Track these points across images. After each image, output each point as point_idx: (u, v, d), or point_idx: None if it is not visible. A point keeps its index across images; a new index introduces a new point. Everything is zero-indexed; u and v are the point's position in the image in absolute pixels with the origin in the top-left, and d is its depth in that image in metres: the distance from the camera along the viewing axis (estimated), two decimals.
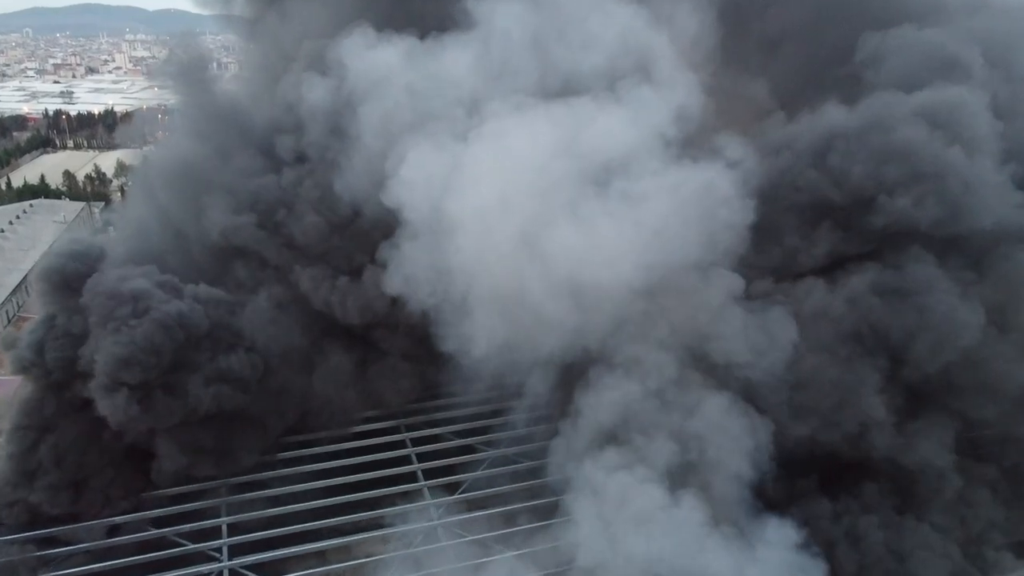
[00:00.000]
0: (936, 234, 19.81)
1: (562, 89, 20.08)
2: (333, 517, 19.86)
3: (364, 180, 20.79)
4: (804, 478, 19.56)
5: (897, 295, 19.32)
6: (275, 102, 24.53)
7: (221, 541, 19.08)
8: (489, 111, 19.93)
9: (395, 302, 20.60)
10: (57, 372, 19.88)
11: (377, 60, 21.49)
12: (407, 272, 19.44)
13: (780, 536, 17.70)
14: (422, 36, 22.03)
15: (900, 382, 19.60)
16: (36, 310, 24.40)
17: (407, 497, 20.68)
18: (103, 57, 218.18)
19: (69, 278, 20.50)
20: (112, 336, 19.02)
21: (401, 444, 22.81)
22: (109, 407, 18.99)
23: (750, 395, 18.83)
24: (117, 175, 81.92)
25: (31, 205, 69.62)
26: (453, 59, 21.35)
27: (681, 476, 17.94)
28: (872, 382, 19.14)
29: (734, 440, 18.12)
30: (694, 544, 17.09)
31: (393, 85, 21.33)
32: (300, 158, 23.31)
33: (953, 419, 19.88)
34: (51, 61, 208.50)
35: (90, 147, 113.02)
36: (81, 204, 71.92)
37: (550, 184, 19.04)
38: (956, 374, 19.43)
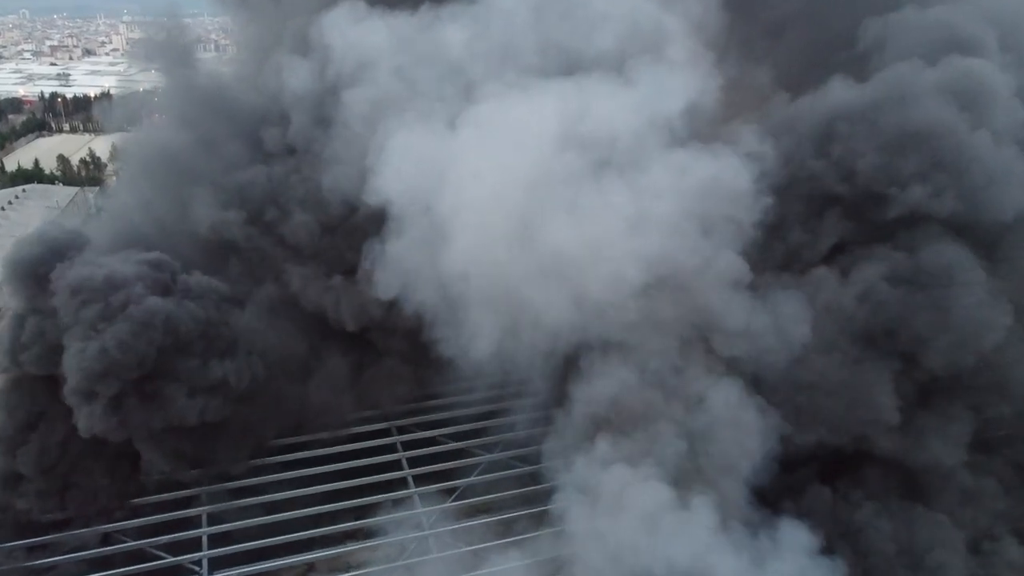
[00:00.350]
0: (949, 223, 18.51)
1: (566, 71, 18.84)
2: (319, 527, 18.90)
3: (353, 174, 19.32)
4: (803, 467, 18.52)
5: (914, 287, 17.87)
6: (260, 89, 23.30)
7: (201, 554, 18.11)
8: (483, 94, 18.67)
9: (391, 306, 19.25)
10: (38, 373, 18.57)
11: (363, 38, 20.03)
12: (398, 273, 18.22)
13: (794, 539, 16.72)
14: (415, 11, 20.61)
15: (912, 379, 18.37)
16: None
17: (397, 504, 19.65)
18: (100, 39, 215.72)
19: (40, 272, 18.48)
20: (80, 342, 17.30)
21: (392, 448, 21.72)
22: (85, 417, 17.60)
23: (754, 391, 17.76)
24: (112, 159, 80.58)
25: (24, 190, 68.51)
26: (448, 37, 19.99)
27: (684, 471, 16.97)
28: (884, 382, 17.95)
29: (742, 432, 17.10)
30: (701, 549, 16.11)
31: (380, 66, 19.88)
32: (289, 150, 21.95)
33: (970, 414, 18.61)
34: (48, 43, 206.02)
35: (86, 130, 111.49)
36: (75, 189, 70.84)
37: (547, 175, 17.91)
38: (970, 375, 18.23)
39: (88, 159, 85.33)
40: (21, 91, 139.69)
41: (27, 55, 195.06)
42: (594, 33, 19.33)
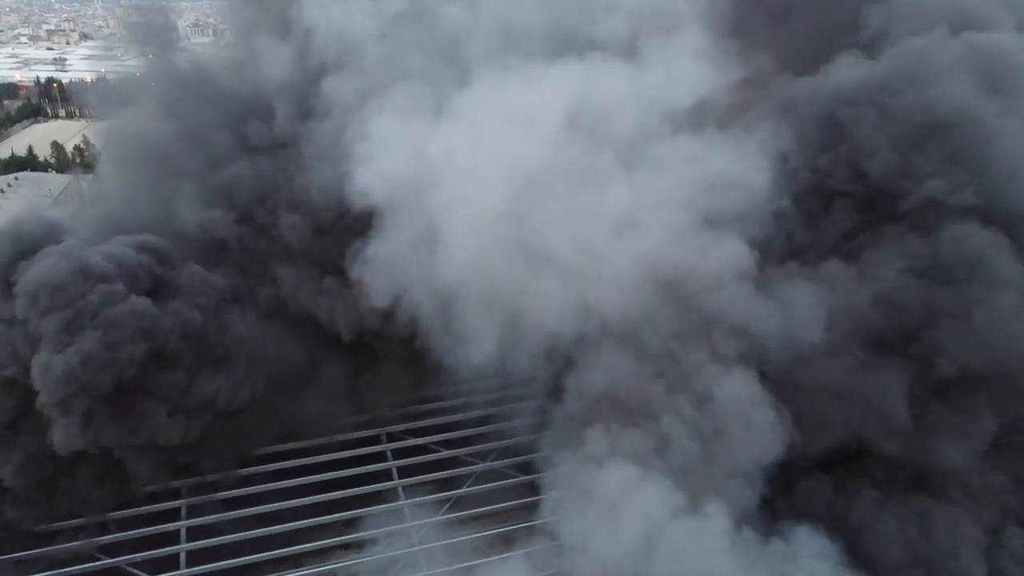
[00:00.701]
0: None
1: (570, 55, 17.61)
2: (303, 541, 17.82)
3: (341, 172, 17.66)
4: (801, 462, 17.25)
5: (935, 283, 16.49)
6: (244, 77, 22.01)
7: (179, 572, 17.07)
8: (479, 80, 17.45)
9: (387, 315, 17.91)
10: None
11: (347, 18, 18.62)
12: (389, 280, 17.03)
13: (814, 550, 15.87)
14: None
15: (926, 380, 17.14)
16: None
17: (386, 517, 18.62)
18: (98, 23, 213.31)
19: (8, 273, 16.54)
20: (47, 354, 15.54)
21: (381, 457, 20.61)
22: (60, 431, 16.07)
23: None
24: (93, 147, 79.28)
25: (16, 178, 67.47)
26: (442, 17, 18.80)
27: (689, 470, 15.97)
28: (896, 386, 16.75)
29: (753, 428, 16.00)
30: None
31: (366, 50, 18.47)
32: (277, 144, 20.47)
33: (990, 411, 17.28)
34: (45, 27, 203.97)
35: (82, 116, 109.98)
36: (68, 177, 69.62)
37: (546, 170, 16.76)
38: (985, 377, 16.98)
39: (83, 146, 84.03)
40: (17, 76, 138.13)
41: (24, 39, 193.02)
42: (601, 15, 18.36)
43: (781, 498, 17.07)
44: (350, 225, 18.54)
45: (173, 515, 18.50)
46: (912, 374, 17.00)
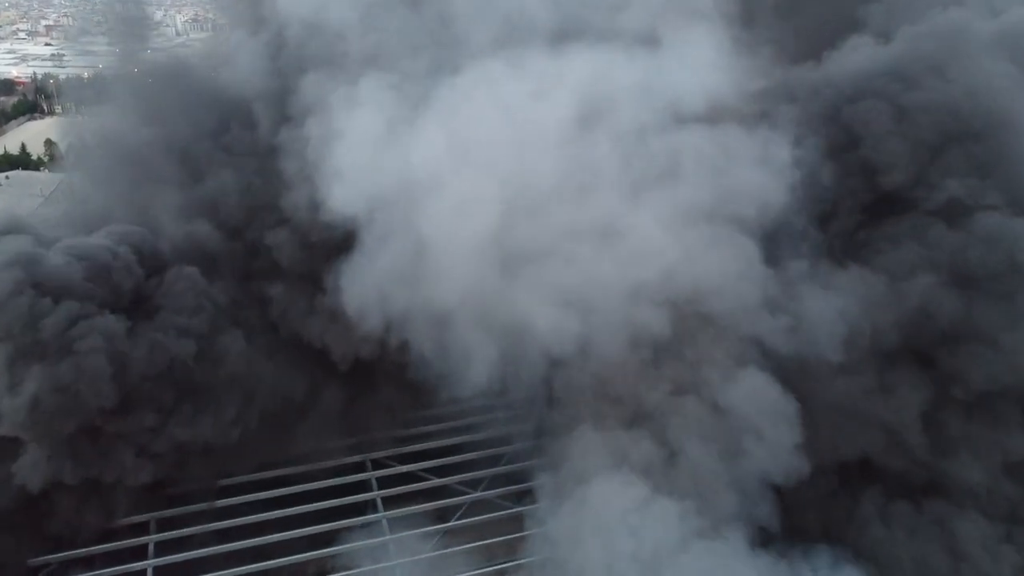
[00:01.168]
0: None
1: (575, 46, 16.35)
2: None
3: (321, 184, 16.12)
4: None
5: (964, 291, 15.17)
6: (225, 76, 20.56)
7: None
8: (471, 75, 16.14)
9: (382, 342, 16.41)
10: None
11: (323, 6, 16.98)
12: (375, 302, 15.66)
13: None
14: None
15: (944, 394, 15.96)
16: None
17: (369, 552, 17.30)
18: (96, 18, 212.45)
19: None
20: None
21: (366, 486, 19.14)
22: (26, 468, 14.41)
23: None
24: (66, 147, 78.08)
25: (7, 177, 66.49)
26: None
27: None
28: (914, 406, 15.63)
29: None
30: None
31: (347, 43, 16.87)
32: (266, 150, 18.51)
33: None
34: (43, 22, 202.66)
35: (78, 113, 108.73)
36: (60, 176, 68.45)
37: (546, 182, 15.53)
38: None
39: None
40: (15, 72, 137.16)
41: (22, 35, 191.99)
42: (611, 7, 17.14)
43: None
44: (337, 243, 16.67)
45: (142, 551, 17.12)
46: (931, 392, 15.89)
